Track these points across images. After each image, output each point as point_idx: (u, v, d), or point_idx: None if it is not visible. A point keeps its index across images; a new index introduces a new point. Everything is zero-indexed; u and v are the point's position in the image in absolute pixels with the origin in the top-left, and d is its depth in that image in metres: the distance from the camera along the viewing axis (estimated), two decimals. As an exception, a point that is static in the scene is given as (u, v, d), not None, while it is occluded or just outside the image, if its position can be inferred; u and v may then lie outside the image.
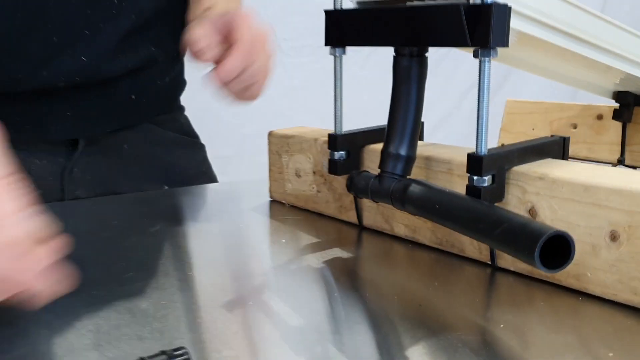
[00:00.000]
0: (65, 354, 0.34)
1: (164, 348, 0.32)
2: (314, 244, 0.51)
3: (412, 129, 0.45)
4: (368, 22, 0.45)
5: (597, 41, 0.49)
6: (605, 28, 0.50)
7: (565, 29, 0.45)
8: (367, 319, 0.38)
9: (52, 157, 0.66)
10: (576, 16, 0.47)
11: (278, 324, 0.37)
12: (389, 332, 0.36)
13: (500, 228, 0.35)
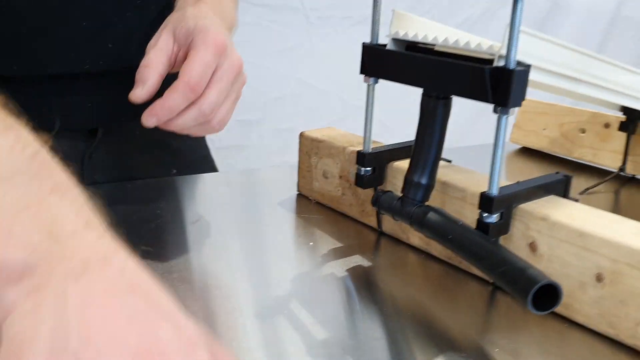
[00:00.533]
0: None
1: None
2: (336, 250, 0.58)
3: (434, 161, 0.50)
4: (399, 62, 0.50)
5: (596, 81, 0.54)
6: (604, 68, 0.55)
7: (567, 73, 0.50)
8: (384, 335, 0.45)
9: (73, 143, 0.70)
10: (576, 59, 0.51)
11: (300, 337, 0.44)
12: (402, 350, 0.43)
13: (502, 268, 0.42)
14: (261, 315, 0.46)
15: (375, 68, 0.53)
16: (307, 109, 1.47)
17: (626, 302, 0.42)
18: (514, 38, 0.42)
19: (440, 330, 0.46)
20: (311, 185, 0.68)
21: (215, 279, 0.52)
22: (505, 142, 0.45)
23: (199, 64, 0.51)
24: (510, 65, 0.42)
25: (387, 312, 0.48)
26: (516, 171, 0.90)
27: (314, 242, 0.59)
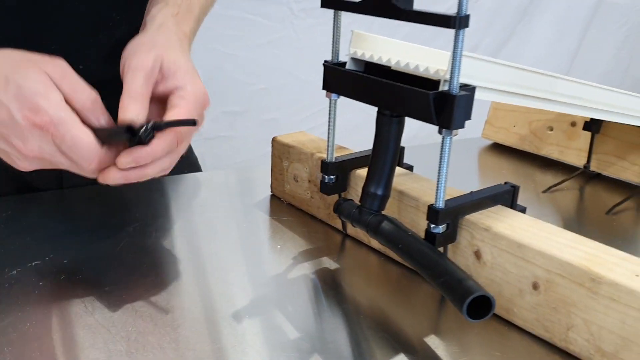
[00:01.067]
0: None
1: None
2: (306, 252, 0.61)
3: (388, 173, 0.54)
4: (356, 81, 0.53)
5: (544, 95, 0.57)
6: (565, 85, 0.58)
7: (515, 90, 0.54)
8: (347, 333, 0.49)
9: None
10: (535, 79, 0.55)
11: (272, 335, 0.48)
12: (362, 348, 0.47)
13: (443, 278, 0.46)
14: (235, 316, 0.50)
15: (336, 85, 0.56)
16: (291, 100, 1.50)
17: (558, 309, 0.46)
18: (456, 65, 0.45)
19: (395, 330, 0.50)
20: (283, 188, 0.72)
21: (189, 281, 0.56)
22: (449, 160, 0.49)
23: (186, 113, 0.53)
24: (453, 90, 0.46)
25: (350, 312, 0.52)
26: (487, 166, 0.93)
27: (284, 244, 0.63)
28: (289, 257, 0.61)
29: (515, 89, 0.52)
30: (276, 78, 1.48)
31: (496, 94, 0.51)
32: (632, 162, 0.80)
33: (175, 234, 0.64)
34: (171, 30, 0.59)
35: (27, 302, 0.50)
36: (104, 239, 0.62)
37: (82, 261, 0.57)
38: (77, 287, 0.53)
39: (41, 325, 0.47)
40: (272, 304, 0.53)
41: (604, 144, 0.83)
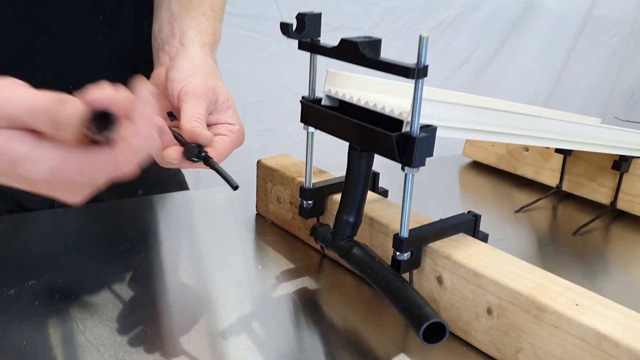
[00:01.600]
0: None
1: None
2: (287, 272, 0.66)
3: (359, 202, 0.58)
4: (330, 118, 0.57)
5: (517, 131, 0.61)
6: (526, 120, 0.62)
7: (486, 129, 0.58)
8: (324, 351, 0.53)
9: None
10: (496, 117, 0.59)
11: (256, 350, 0.53)
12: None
13: (404, 304, 0.50)
14: (222, 333, 0.55)
15: (312, 120, 0.60)
16: (285, 111, 1.54)
17: (509, 333, 0.51)
18: (416, 111, 0.49)
19: (366, 349, 0.54)
20: (267, 208, 0.76)
21: (176, 300, 0.60)
22: (412, 194, 0.53)
23: (229, 149, 0.57)
24: (414, 133, 0.50)
25: (326, 331, 0.56)
26: (467, 184, 0.98)
27: (267, 263, 0.67)
28: (272, 276, 0.65)
29: (476, 126, 0.56)
30: (270, 91, 1.52)
31: (458, 131, 0.55)
32: (600, 184, 0.85)
33: (164, 253, 0.69)
34: (212, 61, 0.62)
35: (24, 321, 0.54)
36: (96, 258, 0.66)
37: (76, 281, 0.61)
38: (70, 306, 0.57)
39: (37, 344, 0.52)
40: (256, 322, 0.57)
41: (576, 166, 0.87)
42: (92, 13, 0.71)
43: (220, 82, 0.60)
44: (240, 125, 0.59)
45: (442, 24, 1.66)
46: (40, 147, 0.37)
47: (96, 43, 0.73)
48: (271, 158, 0.77)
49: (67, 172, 0.37)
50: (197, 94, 0.56)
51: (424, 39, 0.47)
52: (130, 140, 0.37)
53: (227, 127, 0.58)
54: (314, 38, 0.58)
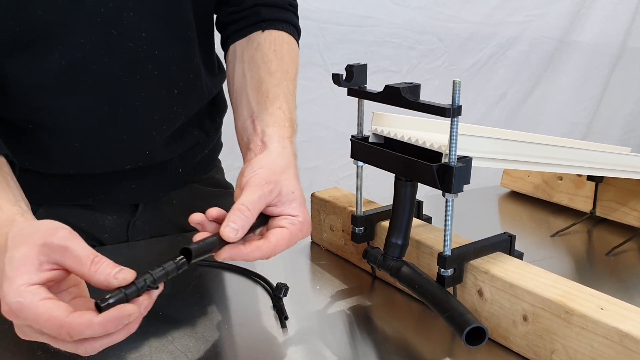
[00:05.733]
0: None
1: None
2: (342, 291, 0.74)
3: (406, 226, 0.66)
4: (377, 153, 0.66)
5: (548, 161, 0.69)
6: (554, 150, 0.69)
7: (518, 159, 0.65)
8: (375, 357, 0.61)
9: (120, 214, 0.88)
10: (526, 148, 0.66)
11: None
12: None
13: (449, 313, 0.57)
14: (284, 344, 0.63)
15: (361, 155, 0.69)
16: (329, 150, 1.64)
17: (543, 336, 0.57)
18: (453, 144, 0.57)
19: (416, 354, 0.62)
20: (321, 236, 0.85)
21: (245, 314, 0.68)
22: (453, 217, 0.61)
23: (285, 242, 0.60)
24: (452, 163, 0.58)
25: (378, 340, 0.64)
26: (506, 212, 1.04)
27: (323, 285, 0.75)
28: (328, 295, 0.73)
29: (508, 156, 0.64)
30: (316, 131, 1.63)
31: (491, 162, 0.63)
32: (632, 208, 0.90)
33: (229, 277, 0.78)
34: (290, 155, 0.67)
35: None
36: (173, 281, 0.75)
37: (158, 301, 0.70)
38: (159, 321, 0.66)
39: (133, 354, 0.61)
40: (314, 335, 0.65)
41: (607, 192, 0.93)
42: (168, 89, 0.80)
43: (290, 174, 0.63)
44: (303, 217, 0.61)
45: (478, 64, 1.74)
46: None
47: (172, 113, 0.82)
48: (324, 191, 0.86)
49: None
50: (254, 183, 0.59)
51: (457, 83, 0.56)
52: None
53: (289, 219, 0.60)
54: (361, 85, 0.67)
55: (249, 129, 0.71)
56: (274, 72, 0.75)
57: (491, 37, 1.77)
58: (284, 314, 0.66)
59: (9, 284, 0.48)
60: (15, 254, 0.50)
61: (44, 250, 0.50)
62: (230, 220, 0.56)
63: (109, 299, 0.49)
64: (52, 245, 0.50)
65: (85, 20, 0.70)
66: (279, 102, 0.73)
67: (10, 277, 0.49)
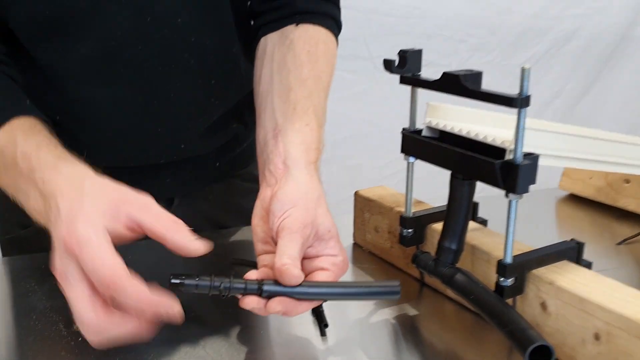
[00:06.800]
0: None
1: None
2: (388, 299, 0.68)
3: (461, 230, 0.60)
4: (431, 148, 0.60)
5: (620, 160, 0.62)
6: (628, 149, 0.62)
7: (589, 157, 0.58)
8: None
9: None
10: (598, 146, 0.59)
11: None
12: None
13: (509, 327, 0.51)
14: (322, 355, 0.57)
15: (413, 150, 0.63)
16: (373, 147, 1.58)
17: (618, 359, 0.50)
18: (520, 139, 0.51)
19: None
20: (365, 237, 0.79)
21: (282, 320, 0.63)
22: (516, 220, 0.54)
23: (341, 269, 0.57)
24: (517, 160, 0.51)
25: (427, 355, 0.58)
26: (564, 217, 0.97)
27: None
28: (371, 302, 0.67)
29: (578, 154, 0.57)
30: (359, 127, 1.57)
31: (560, 160, 0.56)
32: None
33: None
34: (318, 184, 0.60)
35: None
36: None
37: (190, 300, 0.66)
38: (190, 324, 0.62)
39: (162, 355, 0.56)
40: (356, 345, 0.59)
41: (681, 197, 0.85)
42: (205, 78, 0.76)
43: (324, 208, 0.58)
44: (342, 256, 0.58)
45: (532, 59, 1.65)
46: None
47: (209, 104, 0.79)
48: (368, 189, 0.80)
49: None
50: (294, 229, 0.54)
51: (526, 70, 0.49)
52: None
53: (330, 260, 0.57)
54: (415, 72, 0.61)
55: (270, 144, 0.63)
56: (305, 79, 0.68)
57: (547, 32, 1.68)
58: (324, 321, 0.60)
59: (86, 218, 0.49)
60: (96, 195, 0.51)
61: (127, 201, 0.51)
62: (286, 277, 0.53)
63: (184, 278, 0.51)
64: (135, 201, 0.52)
65: (118, 5, 0.67)
66: (307, 117, 0.64)
67: (87, 213, 0.49)
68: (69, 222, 0.49)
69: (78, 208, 0.49)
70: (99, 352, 0.56)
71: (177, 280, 0.52)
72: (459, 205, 0.59)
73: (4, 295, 0.67)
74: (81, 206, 0.50)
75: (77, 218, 0.49)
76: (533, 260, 0.57)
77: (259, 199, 0.61)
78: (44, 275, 0.70)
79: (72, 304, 0.48)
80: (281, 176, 0.60)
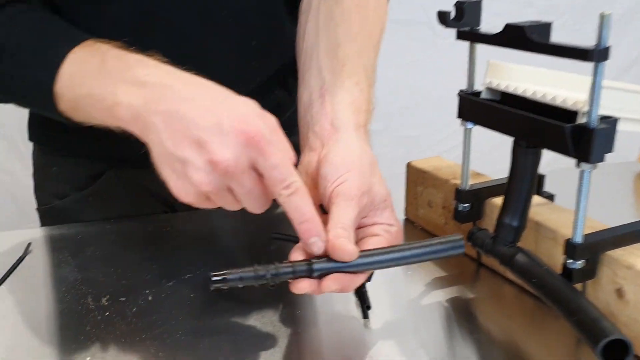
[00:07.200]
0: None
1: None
2: (440, 279, 0.62)
3: (524, 205, 0.53)
4: (492, 111, 0.53)
5: None
6: None
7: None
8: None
9: None
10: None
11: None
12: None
13: (577, 317, 0.44)
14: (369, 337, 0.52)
15: (471, 114, 0.56)
16: (430, 119, 1.50)
17: None
18: (596, 98, 0.44)
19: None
20: (417, 212, 0.73)
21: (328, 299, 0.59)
22: (588, 193, 0.47)
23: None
24: (592, 124, 0.44)
25: (482, 342, 0.52)
26: (642, 193, 0.88)
27: (417, 270, 0.63)
28: (422, 282, 0.61)
29: (666, 119, 0.49)
30: (416, 97, 1.49)
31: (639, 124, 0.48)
32: None
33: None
34: (369, 149, 0.55)
35: (180, 311, 0.55)
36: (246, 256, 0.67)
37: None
38: (222, 298, 0.58)
39: (190, 333, 0.52)
40: (403, 330, 0.54)
41: None
42: (245, 40, 0.71)
43: (378, 176, 0.53)
44: (398, 227, 0.53)
45: (566, 25, 1.52)
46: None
47: (249, 69, 0.74)
48: (423, 160, 0.74)
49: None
50: (350, 196, 0.50)
51: (605, 17, 0.42)
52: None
53: (384, 227, 0.52)
54: (474, 26, 0.54)
55: (316, 104, 0.58)
56: (355, 35, 0.61)
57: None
58: (367, 303, 0.55)
59: (262, 119, 0.49)
60: (249, 103, 0.51)
61: None
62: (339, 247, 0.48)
63: (226, 274, 0.48)
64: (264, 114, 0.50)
65: None
66: (357, 75, 0.59)
67: (260, 114, 0.50)
68: (238, 113, 0.49)
69: (227, 95, 0.51)
70: (124, 327, 0.53)
71: (218, 277, 0.47)
72: (521, 176, 0.52)
73: (39, 265, 0.65)
74: (232, 95, 0.51)
75: (252, 114, 0.49)
76: (608, 241, 0.49)
77: (301, 164, 0.56)
78: (79, 246, 0.68)
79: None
80: (328, 139, 0.54)
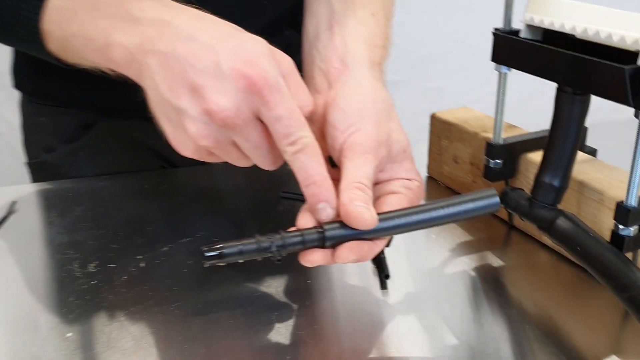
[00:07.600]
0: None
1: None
2: (466, 244, 0.56)
3: (568, 162, 0.46)
4: (532, 53, 0.45)
5: None
6: None
7: None
8: (509, 341, 0.43)
9: None
10: None
11: (426, 334, 0.44)
12: None
13: (630, 293, 0.38)
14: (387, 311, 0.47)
15: (507, 57, 0.49)
16: (456, 68, 1.41)
17: None
18: (664, 33, 0.36)
19: (568, 346, 0.43)
20: (441, 169, 0.66)
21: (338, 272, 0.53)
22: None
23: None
24: (658, 65, 0.37)
25: (514, 320, 0.46)
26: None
27: (440, 233, 0.57)
28: (446, 248, 0.55)
29: None
30: (441, 45, 1.40)
31: None
32: None
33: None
34: (385, 90, 0.48)
35: (176, 281, 0.50)
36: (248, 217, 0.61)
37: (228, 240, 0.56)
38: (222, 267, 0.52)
39: (188, 302, 0.47)
40: (424, 302, 0.48)
41: None
42: None
43: (396, 122, 0.46)
44: (419, 181, 0.46)
45: None
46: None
47: (257, 5, 0.68)
48: (448, 111, 0.66)
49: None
50: (366, 149, 0.43)
51: None
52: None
53: (404, 183, 0.45)
54: (513, -47, 0.46)
55: (323, 37, 0.50)
56: None
57: None
58: (385, 271, 0.49)
59: (270, 59, 0.42)
60: (260, 40, 0.44)
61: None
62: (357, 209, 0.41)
63: (222, 247, 0.41)
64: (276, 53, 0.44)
65: None
66: (373, 5, 0.52)
67: (268, 55, 0.42)
68: (242, 52, 0.41)
69: (232, 32, 0.43)
70: (112, 297, 0.48)
71: (212, 252, 0.40)
72: (566, 128, 0.45)
73: (22, 226, 0.59)
74: (239, 32, 0.43)
75: (258, 53, 0.41)
76: (667, 205, 0.42)
77: (314, 108, 0.47)
78: (68, 205, 0.62)
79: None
80: (337, 78, 0.47)
